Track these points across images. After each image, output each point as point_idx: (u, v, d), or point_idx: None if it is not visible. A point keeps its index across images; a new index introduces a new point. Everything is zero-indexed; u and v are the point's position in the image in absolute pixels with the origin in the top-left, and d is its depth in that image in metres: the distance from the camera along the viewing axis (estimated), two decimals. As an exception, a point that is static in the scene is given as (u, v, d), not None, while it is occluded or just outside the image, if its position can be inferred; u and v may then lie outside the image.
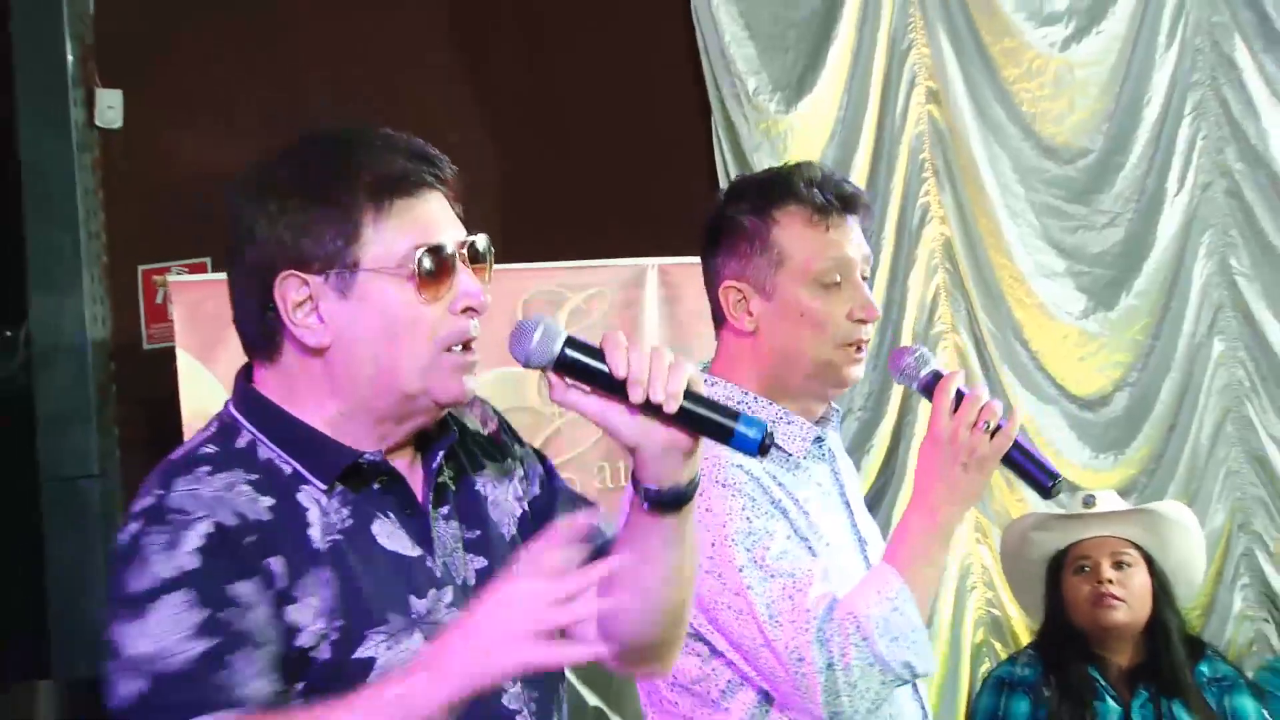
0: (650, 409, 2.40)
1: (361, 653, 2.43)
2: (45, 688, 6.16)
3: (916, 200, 6.08)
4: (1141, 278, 6.12)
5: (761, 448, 2.43)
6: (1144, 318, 6.09)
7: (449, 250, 2.50)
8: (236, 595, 2.35)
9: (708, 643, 3.27)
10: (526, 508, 2.71)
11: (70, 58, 6.45)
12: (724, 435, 2.42)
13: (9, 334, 6.59)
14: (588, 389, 2.41)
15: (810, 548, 3.27)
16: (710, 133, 6.19)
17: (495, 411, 2.76)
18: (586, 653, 2.37)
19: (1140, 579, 5.08)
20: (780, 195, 3.38)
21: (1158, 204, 6.15)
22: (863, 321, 3.34)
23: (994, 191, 6.12)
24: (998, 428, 3.17)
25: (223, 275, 2.88)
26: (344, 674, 2.40)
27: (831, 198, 3.35)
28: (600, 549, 2.65)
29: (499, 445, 2.72)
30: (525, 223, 5.94)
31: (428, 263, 2.47)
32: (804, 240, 3.34)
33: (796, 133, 6.03)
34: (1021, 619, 5.76)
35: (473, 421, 2.71)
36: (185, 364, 5.73)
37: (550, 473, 2.76)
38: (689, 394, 2.41)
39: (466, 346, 2.50)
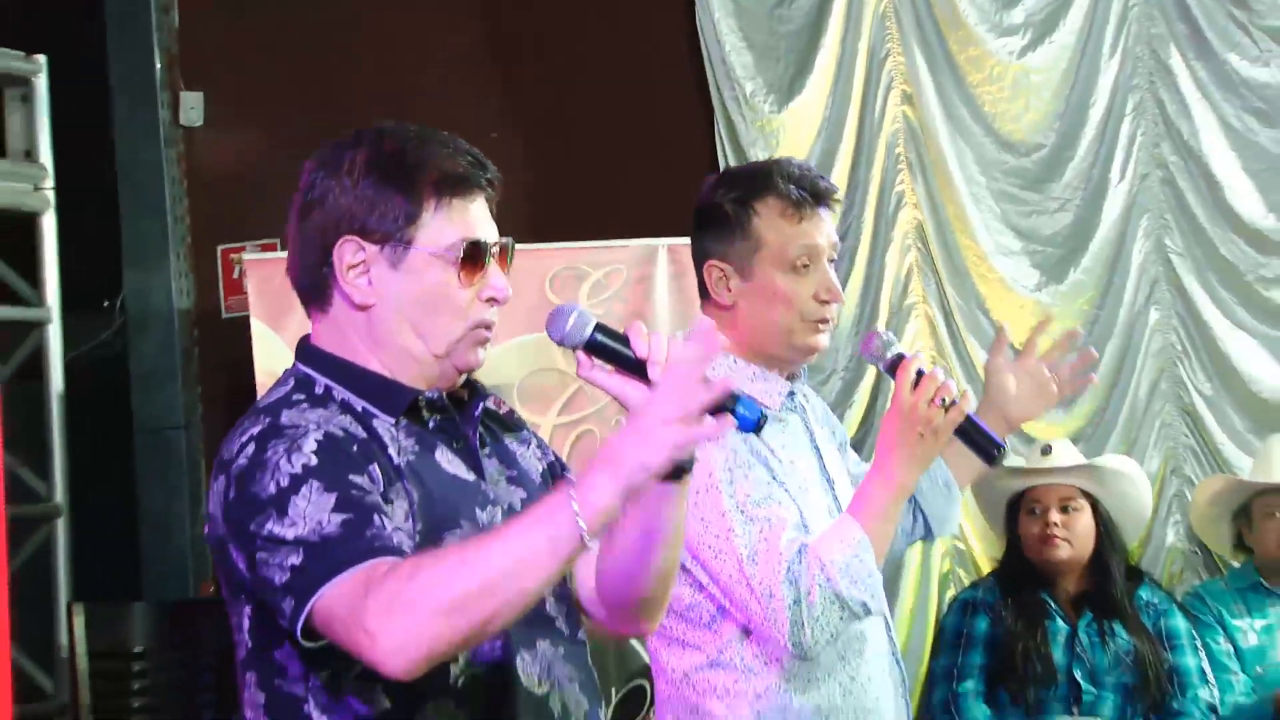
0: None
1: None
2: (138, 608, 6.20)
3: (892, 189, 6.12)
4: (1088, 256, 6.13)
5: (757, 426, 2.48)
6: (1090, 290, 6.11)
7: (488, 247, 2.57)
8: (357, 482, 2.42)
9: (693, 574, 3.33)
10: (545, 467, 2.77)
11: (158, 66, 6.53)
12: (728, 410, 2.47)
13: (107, 305, 6.62)
14: (610, 368, 2.47)
15: (786, 491, 3.32)
16: (713, 130, 6.16)
17: (504, 401, 2.79)
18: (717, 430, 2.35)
19: (1085, 521, 5.23)
20: (761, 188, 3.42)
21: (1102, 192, 6.13)
22: (827, 302, 3.39)
23: (960, 181, 6.14)
24: (952, 403, 3.22)
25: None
26: None
27: (805, 193, 3.40)
28: None
29: (513, 420, 2.78)
30: (553, 208, 5.99)
31: (470, 254, 2.54)
32: (779, 229, 3.38)
33: (788, 130, 6.07)
34: (983, 551, 5.86)
35: (489, 402, 2.73)
36: (258, 331, 5.79)
37: (550, 452, 2.82)
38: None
39: (486, 327, 2.59)
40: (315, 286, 2.59)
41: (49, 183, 6.29)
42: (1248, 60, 6.07)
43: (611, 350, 2.46)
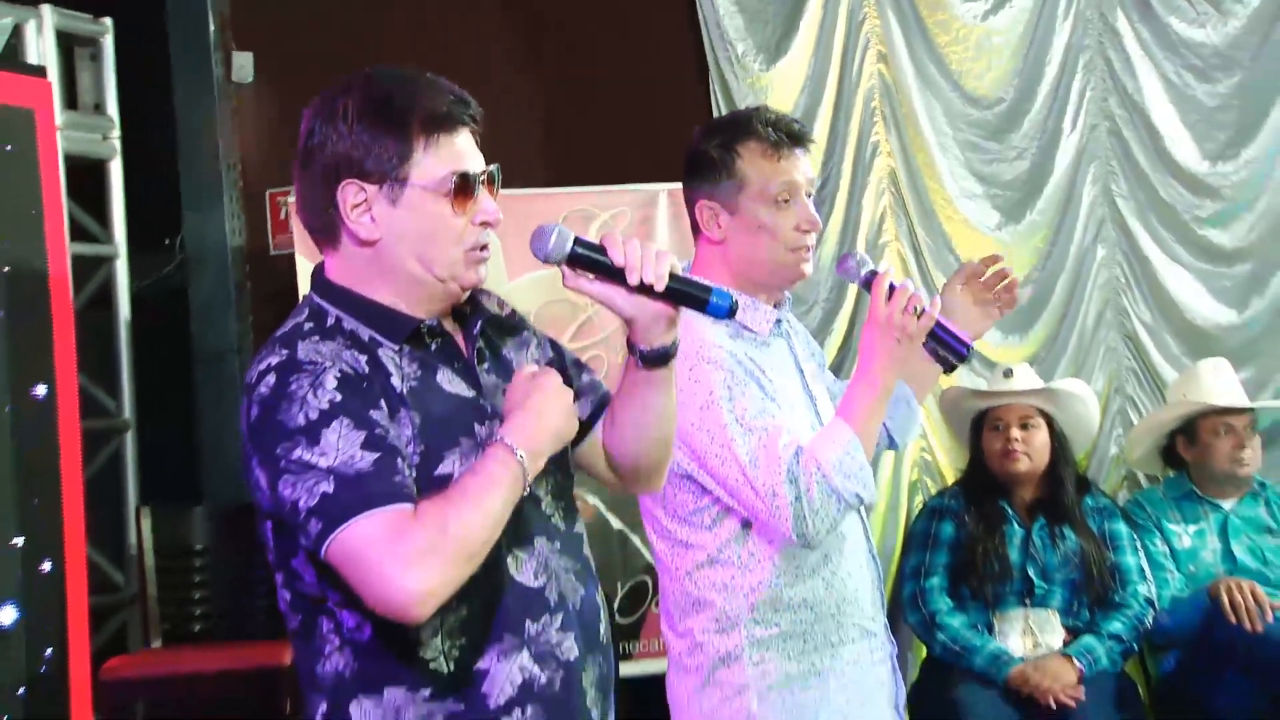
0: (643, 289, 2.51)
1: (440, 470, 2.50)
2: (198, 511, 6.32)
3: (869, 140, 6.11)
4: (1042, 199, 6.11)
5: (730, 311, 2.56)
6: (1044, 230, 6.11)
7: (476, 177, 2.57)
8: (377, 420, 2.43)
9: (699, 483, 3.34)
10: (544, 363, 2.78)
11: (212, 28, 6.54)
12: (701, 304, 2.54)
13: (168, 243, 6.66)
14: (593, 277, 2.53)
15: (777, 405, 3.33)
16: (709, 87, 6.14)
17: (506, 302, 2.81)
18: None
19: (1041, 437, 5.28)
20: (743, 133, 3.44)
21: (1055, 141, 6.11)
22: (807, 231, 3.41)
23: (929, 133, 6.12)
24: (922, 311, 3.24)
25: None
26: (429, 488, 2.46)
27: (783, 135, 3.42)
28: (601, 401, 2.83)
29: (514, 322, 2.80)
30: (566, 157, 6.11)
31: (461, 185, 2.54)
32: (761, 168, 3.40)
33: (775, 87, 6.07)
34: (948, 463, 5.93)
35: (493, 308, 2.76)
36: (303, 265, 5.76)
37: (555, 344, 2.85)
38: (672, 276, 2.52)
39: (483, 248, 2.59)
40: (324, 227, 2.59)
41: (115, 133, 6.39)
42: (1186, 22, 6.05)
43: (592, 260, 2.52)
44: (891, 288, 3.25)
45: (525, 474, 2.40)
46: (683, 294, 2.54)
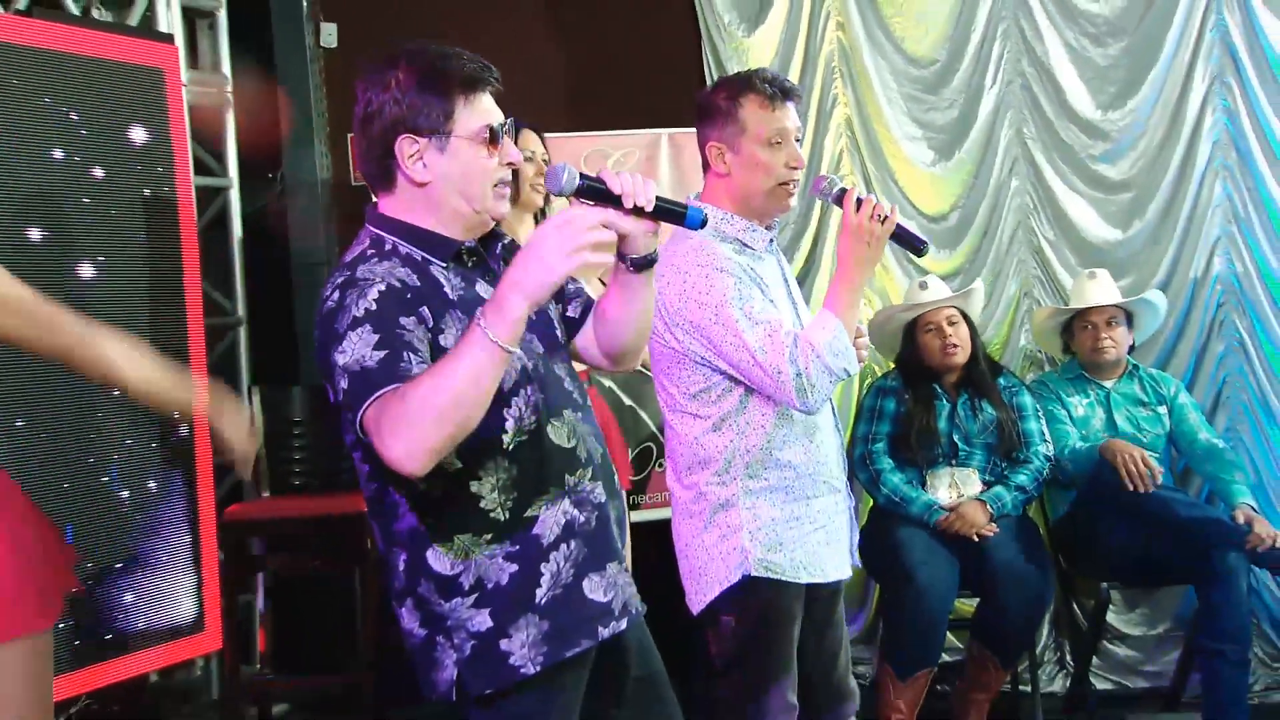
0: (636, 211, 2.56)
1: None
2: (297, 390, 6.37)
3: (830, 93, 6.05)
4: (968, 141, 6.03)
5: (702, 222, 2.65)
6: (969, 165, 6.03)
7: (502, 127, 2.62)
8: (404, 325, 2.46)
9: (711, 366, 3.42)
10: None
11: (305, 4, 6.49)
12: (680, 219, 2.62)
13: (271, 176, 6.69)
14: (594, 204, 2.55)
15: (774, 305, 3.43)
16: (701, 49, 6.10)
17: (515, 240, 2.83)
18: (604, 258, 2.46)
19: (964, 331, 5.30)
20: (745, 88, 3.52)
21: (979, 95, 6.02)
22: (794, 168, 3.49)
23: (877, 87, 6.04)
24: (885, 218, 3.34)
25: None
26: None
27: (776, 90, 3.50)
28: (587, 304, 2.87)
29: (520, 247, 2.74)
30: (585, 106, 6.10)
31: (492, 135, 2.60)
32: (759, 117, 3.48)
33: (754, 50, 6.05)
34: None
35: (506, 242, 2.78)
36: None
37: None
38: (658, 199, 2.58)
39: (506, 184, 2.64)
40: (383, 174, 2.62)
41: (229, 88, 6.47)
42: None
43: (596, 190, 2.56)
44: (859, 201, 3.36)
45: (491, 338, 2.33)
46: (666, 211, 2.61)
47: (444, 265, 2.62)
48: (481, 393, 2.37)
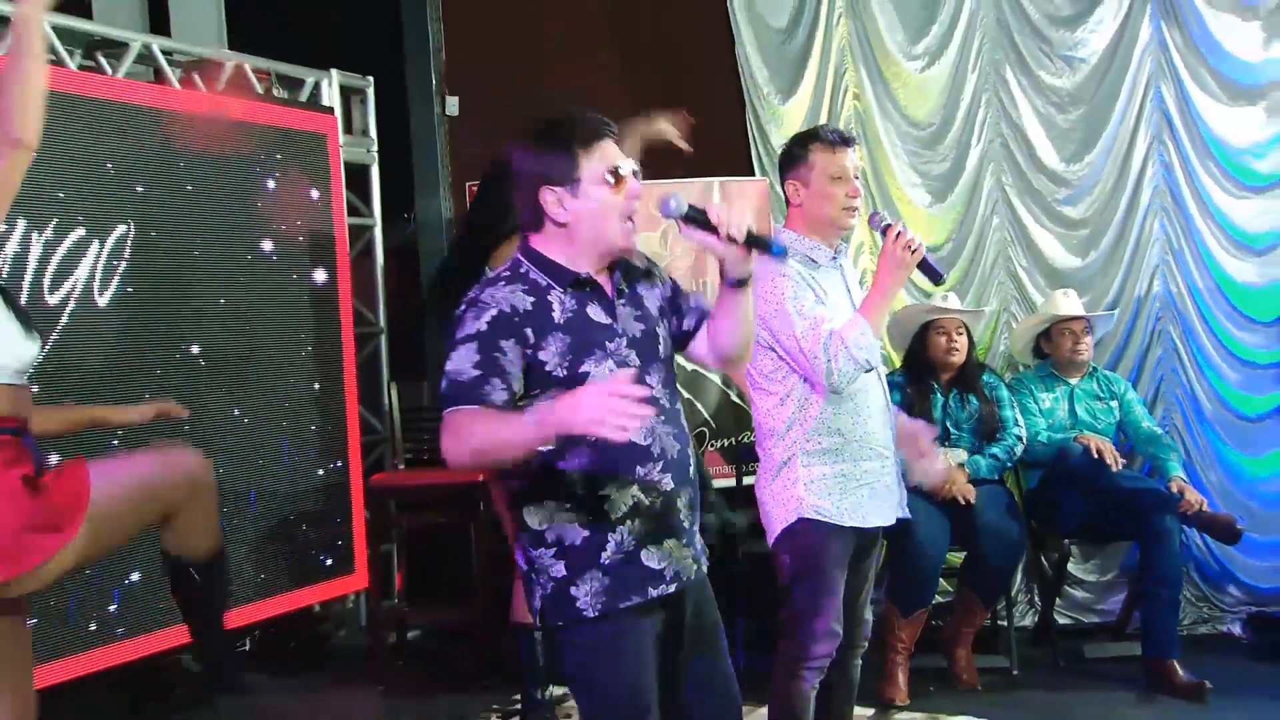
0: (730, 239, 2.54)
1: (582, 370, 2.52)
2: (425, 384, 6.44)
3: None
4: (959, 186, 5.98)
5: (783, 253, 2.63)
6: (959, 207, 5.98)
7: (625, 170, 2.57)
8: (502, 348, 2.44)
9: (775, 352, 3.43)
10: (663, 300, 2.74)
11: (434, 80, 6.60)
12: (766, 249, 2.59)
13: (405, 216, 6.81)
14: (700, 232, 2.55)
15: (825, 307, 3.39)
16: (745, 114, 6.10)
17: (646, 257, 2.78)
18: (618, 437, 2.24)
19: (964, 340, 5.22)
20: (812, 137, 3.55)
21: (966, 151, 5.97)
22: (853, 197, 3.49)
23: (886, 144, 6.02)
24: (916, 249, 3.33)
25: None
26: (572, 383, 2.48)
27: (837, 137, 3.52)
28: (702, 315, 2.78)
29: (648, 270, 2.75)
30: (652, 157, 5.75)
31: (615, 177, 2.55)
32: (824, 159, 3.49)
33: (788, 117, 6.04)
34: (895, 354, 5.72)
35: (640, 261, 2.74)
36: None
37: (674, 282, 2.81)
38: (749, 231, 2.55)
39: (631, 218, 2.58)
40: (534, 219, 2.60)
41: (374, 148, 6.54)
42: (1050, 75, 5.93)
43: (699, 218, 2.55)
44: (898, 234, 3.35)
45: (530, 432, 2.29)
46: (755, 242, 2.58)
47: (562, 290, 2.56)
48: (507, 454, 2.37)
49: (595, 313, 2.61)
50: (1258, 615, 5.57)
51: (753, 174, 6.08)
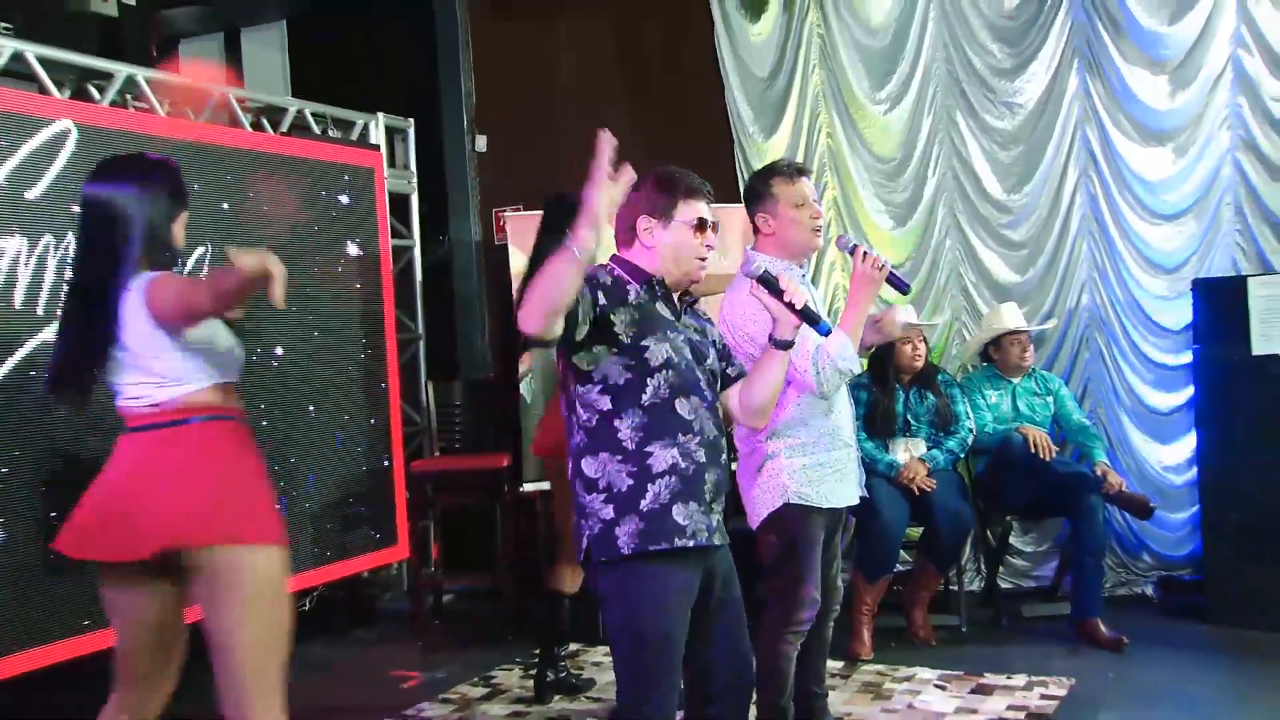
0: (791, 308, 2.63)
1: (643, 343, 2.59)
2: (457, 383, 6.37)
3: (822, 180, 6.01)
4: (917, 213, 5.95)
5: (827, 331, 2.67)
6: (917, 231, 5.94)
7: (709, 221, 2.67)
8: (594, 293, 2.53)
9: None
10: (716, 343, 2.83)
11: (465, 119, 6.65)
12: (815, 323, 2.65)
13: (440, 238, 6.76)
14: (767, 294, 2.64)
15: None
16: (733, 151, 6.12)
17: (707, 315, 2.84)
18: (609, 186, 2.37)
19: (924, 347, 5.22)
20: (773, 172, 3.45)
21: (923, 181, 5.94)
22: (816, 217, 3.41)
23: (855, 177, 6.02)
24: (883, 266, 3.26)
25: (529, 212, 2.92)
26: (635, 353, 2.58)
27: (793, 170, 3.43)
28: (740, 373, 2.84)
29: (709, 319, 2.86)
30: None
31: (699, 224, 2.66)
32: (786, 190, 3.40)
33: (769, 153, 6.03)
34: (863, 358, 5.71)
35: (702, 311, 2.83)
36: (512, 251, 5.80)
37: (724, 341, 2.88)
38: (804, 308, 2.63)
39: (703, 259, 2.67)
40: (628, 237, 2.68)
41: (414, 179, 6.55)
42: (992, 117, 5.86)
43: (771, 284, 2.62)
44: (865, 254, 3.29)
45: (567, 244, 2.33)
46: (807, 315, 2.65)
47: (639, 287, 2.65)
48: (562, 281, 2.34)
49: (662, 309, 2.68)
50: (1167, 579, 5.58)
51: (739, 202, 6.04)
